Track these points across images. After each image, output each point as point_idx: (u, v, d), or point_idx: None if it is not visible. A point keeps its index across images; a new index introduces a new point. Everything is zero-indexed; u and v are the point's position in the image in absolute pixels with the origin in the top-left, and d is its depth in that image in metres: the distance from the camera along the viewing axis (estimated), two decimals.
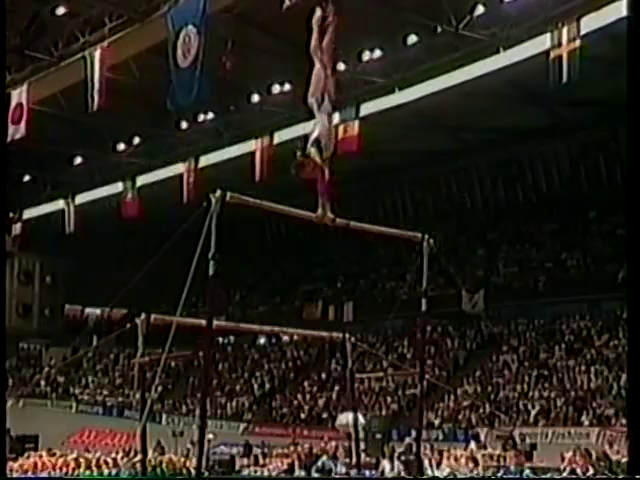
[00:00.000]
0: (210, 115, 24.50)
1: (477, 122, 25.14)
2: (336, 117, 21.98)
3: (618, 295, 23.79)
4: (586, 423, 20.78)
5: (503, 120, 24.80)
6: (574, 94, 20.86)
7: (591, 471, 9.27)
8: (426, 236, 7.27)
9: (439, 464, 11.28)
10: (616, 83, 19.31)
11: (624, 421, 20.03)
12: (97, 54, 18.17)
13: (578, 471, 9.34)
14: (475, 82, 20.11)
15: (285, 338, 31.64)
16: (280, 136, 23.60)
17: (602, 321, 24.58)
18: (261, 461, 14.03)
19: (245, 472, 10.69)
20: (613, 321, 24.09)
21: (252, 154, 23.47)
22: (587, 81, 17.77)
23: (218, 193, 6.59)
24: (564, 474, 9.46)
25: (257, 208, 7.29)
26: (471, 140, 27.55)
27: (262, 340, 32.73)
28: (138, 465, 6.77)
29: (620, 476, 8.92)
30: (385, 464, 11.51)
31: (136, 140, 26.75)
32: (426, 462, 10.97)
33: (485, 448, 15.55)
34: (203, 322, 6.48)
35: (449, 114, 24.02)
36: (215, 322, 6.69)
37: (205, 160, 25.68)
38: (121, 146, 27.09)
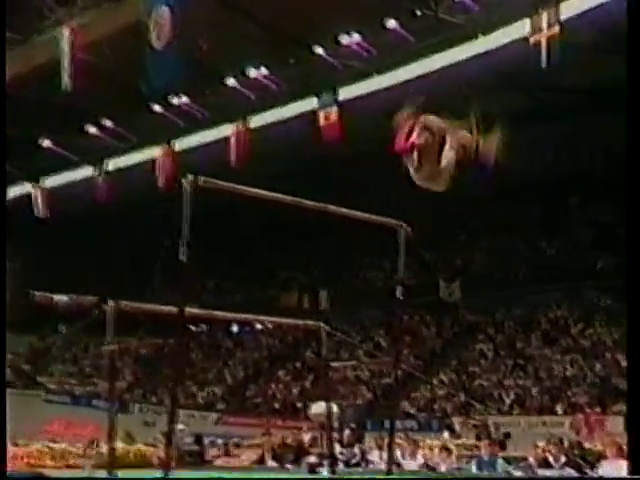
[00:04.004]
0: (185, 98, 24.31)
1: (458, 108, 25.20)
2: (314, 103, 22.15)
3: (598, 284, 24.15)
4: (560, 412, 21.10)
5: (484, 106, 24.87)
6: (556, 80, 20.98)
7: (563, 459, 9.45)
8: (403, 223, 7.28)
9: (413, 454, 11.39)
10: (598, 69, 19.51)
11: (598, 409, 20.41)
12: (67, 34, 17.93)
13: (550, 460, 9.51)
14: (455, 67, 20.15)
15: (259, 327, 31.65)
16: (256, 121, 23.52)
17: (580, 310, 24.91)
18: (233, 452, 14.08)
19: (216, 463, 10.72)
20: (591, 310, 24.43)
21: (228, 139, 23.37)
22: (569, 67, 17.90)
23: (191, 177, 6.52)
24: (536, 463, 9.65)
25: (232, 194, 7.22)
26: None
27: (236, 328, 32.70)
28: (105, 455, 6.74)
29: (594, 464, 9.12)
30: (374, 454, 11.35)
31: (108, 123, 26.46)
32: (399, 452, 11.06)
33: (459, 437, 15.72)
34: (174, 309, 6.41)
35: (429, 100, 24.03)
36: (187, 310, 6.64)
37: (180, 144, 25.50)
38: (92, 129, 26.77)
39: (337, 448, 10.50)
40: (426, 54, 19.85)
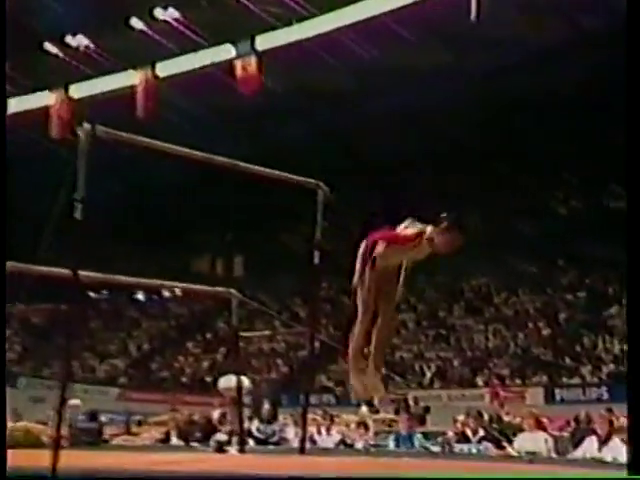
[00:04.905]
0: (85, 40, 23.40)
1: (382, 64, 25.20)
2: (232, 52, 21.69)
3: (522, 252, 24.95)
4: (480, 384, 21.85)
5: (410, 61, 24.94)
6: (486, 35, 21.23)
7: (482, 433, 9.78)
8: (321, 183, 7.21)
9: (329, 430, 11.54)
10: (530, 25, 19.87)
11: (518, 381, 21.27)
12: None
13: (469, 433, 9.82)
14: (378, 20, 20.15)
15: (167, 294, 31.28)
16: (166, 69, 22.96)
17: (503, 279, 25.72)
18: (134, 430, 13.92)
19: (115, 442, 10.54)
20: (515, 279, 25.27)
21: (134, 87, 22.72)
22: (499, 22, 18.15)
23: (87, 126, 6.23)
24: (454, 437, 9.95)
25: (136, 147, 6.96)
26: (377, 83, 27.61)
27: (141, 296, 32.20)
28: None
29: (512, 438, 9.48)
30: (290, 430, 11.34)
31: None
32: (314, 429, 11.17)
33: (378, 412, 16.03)
34: (68, 272, 6.16)
35: (351, 53, 23.93)
36: (84, 273, 6.39)
37: (79, 91, 24.63)
38: None
39: (255, 425, 10.49)
40: (352, 1, 19.76)
